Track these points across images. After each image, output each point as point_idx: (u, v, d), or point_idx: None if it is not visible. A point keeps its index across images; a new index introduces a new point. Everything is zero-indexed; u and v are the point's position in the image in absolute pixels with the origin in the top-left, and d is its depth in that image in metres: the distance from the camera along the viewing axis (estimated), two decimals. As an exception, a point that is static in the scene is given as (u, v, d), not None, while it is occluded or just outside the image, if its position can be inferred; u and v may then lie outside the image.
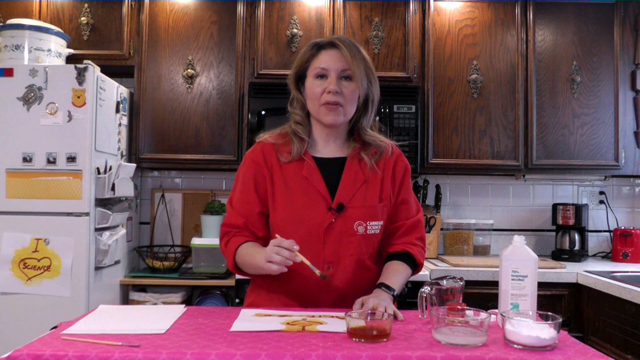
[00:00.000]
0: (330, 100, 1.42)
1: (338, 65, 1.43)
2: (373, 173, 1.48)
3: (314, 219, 1.42)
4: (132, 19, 2.87)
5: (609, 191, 3.21)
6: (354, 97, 1.45)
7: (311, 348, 1.03)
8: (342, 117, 1.45)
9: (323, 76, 1.44)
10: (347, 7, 2.88)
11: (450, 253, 3.00)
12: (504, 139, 2.87)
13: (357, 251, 1.43)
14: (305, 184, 1.45)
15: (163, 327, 1.17)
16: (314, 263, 1.32)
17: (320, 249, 1.42)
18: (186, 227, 3.14)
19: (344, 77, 1.44)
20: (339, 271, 1.42)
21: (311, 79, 1.46)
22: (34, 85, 2.36)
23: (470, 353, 1.02)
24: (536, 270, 1.29)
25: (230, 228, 1.50)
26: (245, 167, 1.52)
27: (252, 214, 1.48)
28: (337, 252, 1.42)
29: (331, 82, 1.42)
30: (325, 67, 1.44)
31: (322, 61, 1.44)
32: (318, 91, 1.44)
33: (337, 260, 1.42)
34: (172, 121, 2.84)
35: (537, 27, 2.89)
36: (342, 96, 1.43)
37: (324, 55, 1.45)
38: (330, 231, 1.42)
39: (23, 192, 2.35)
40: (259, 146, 1.52)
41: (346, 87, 1.44)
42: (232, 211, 1.51)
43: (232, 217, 1.50)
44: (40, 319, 2.29)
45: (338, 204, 1.43)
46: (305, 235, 1.41)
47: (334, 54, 1.44)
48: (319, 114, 1.46)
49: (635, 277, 2.40)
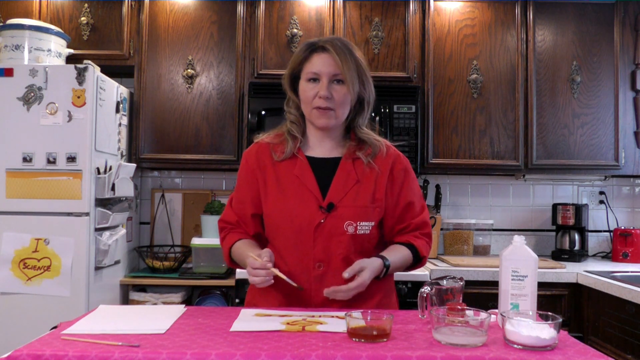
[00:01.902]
0: (322, 106, 1.45)
1: (329, 70, 1.45)
2: (367, 173, 1.49)
3: (304, 217, 1.44)
4: (132, 19, 2.87)
5: (609, 191, 3.21)
6: (345, 100, 1.47)
7: (311, 348, 1.03)
8: (333, 121, 1.47)
9: (315, 80, 1.46)
10: (347, 7, 2.88)
11: (450, 253, 3.00)
12: (504, 139, 2.87)
13: (347, 251, 1.44)
14: (297, 183, 1.47)
15: (163, 327, 1.17)
16: (304, 262, 1.40)
17: (310, 247, 1.43)
18: (186, 227, 3.14)
19: (335, 81, 1.46)
20: (329, 270, 1.43)
21: (304, 82, 1.48)
22: (34, 85, 2.36)
23: (470, 353, 1.02)
24: (536, 270, 1.29)
25: (226, 224, 1.57)
26: (240, 168, 1.58)
27: (245, 214, 1.54)
28: (327, 251, 1.43)
29: (322, 87, 1.44)
30: (316, 72, 1.46)
31: (314, 65, 1.46)
32: (310, 95, 1.46)
33: (327, 259, 1.43)
34: (172, 121, 2.84)
35: (537, 27, 2.89)
36: (333, 101, 1.45)
37: (316, 59, 1.47)
38: (320, 230, 1.43)
39: (23, 192, 2.35)
40: (254, 147, 1.57)
41: (337, 91, 1.45)
42: (228, 208, 1.58)
43: (227, 214, 1.58)
44: (40, 319, 2.29)
45: (328, 203, 1.44)
46: (295, 234, 1.44)
47: (326, 58, 1.46)
48: (311, 116, 1.48)
49: (635, 277, 2.40)
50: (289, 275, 1.39)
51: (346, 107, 1.49)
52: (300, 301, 1.44)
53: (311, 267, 1.43)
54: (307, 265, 1.43)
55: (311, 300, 1.44)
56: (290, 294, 1.45)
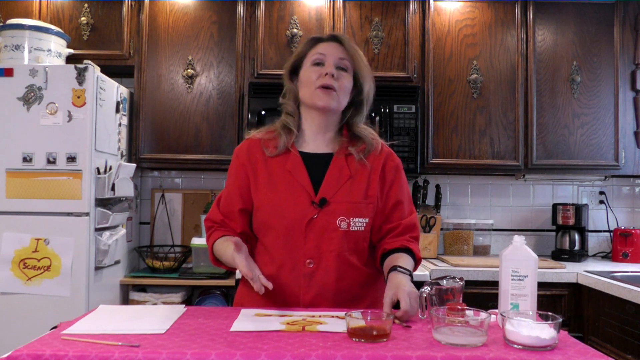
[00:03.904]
0: (327, 83, 1.44)
1: (336, 53, 1.47)
2: (360, 169, 1.47)
3: (296, 213, 1.42)
4: (132, 19, 2.87)
5: (609, 191, 3.21)
6: (347, 87, 1.48)
7: (311, 348, 1.02)
8: (335, 103, 1.46)
9: (320, 64, 1.47)
10: (347, 7, 2.88)
11: (450, 253, 3.00)
12: (504, 139, 2.87)
13: (339, 247, 1.41)
14: (289, 178, 1.45)
15: (163, 327, 1.17)
16: (294, 258, 1.40)
17: (302, 243, 1.41)
18: (186, 227, 3.14)
19: (340, 68, 1.47)
20: (320, 267, 1.41)
21: (307, 66, 1.49)
22: (34, 85, 2.36)
23: (470, 353, 1.02)
24: (536, 270, 1.28)
25: (212, 223, 1.55)
26: (231, 164, 1.57)
27: (233, 211, 1.51)
28: (318, 248, 1.41)
29: (329, 66, 1.46)
30: (323, 53, 1.47)
31: (321, 49, 1.49)
32: (314, 76, 1.46)
33: (318, 256, 1.41)
34: (172, 121, 2.84)
35: (537, 27, 2.89)
36: (337, 82, 1.45)
37: (322, 45, 1.50)
38: (312, 226, 1.41)
39: (23, 192, 2.35)
40: (245, 143, 1.56)
41: (341, 77, 1.47)
42: (215, 206, 1.56)
43: (212, 213, 1.55)
44: (40, 319, 2.29)
45: (321, 198, 1.42)
46: (287, 230, 1.42)
47: (333, 45, 1.49)
48: (313, 97, 1.46)
49: (635, 277, 2.40)
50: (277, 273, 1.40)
51: (346, 95, 1.49)
52: (289, 299, 1.42)
53: (301, 264, 1.41)
54: (297, 262, 1.41)
55: (300, 299, 1.41)
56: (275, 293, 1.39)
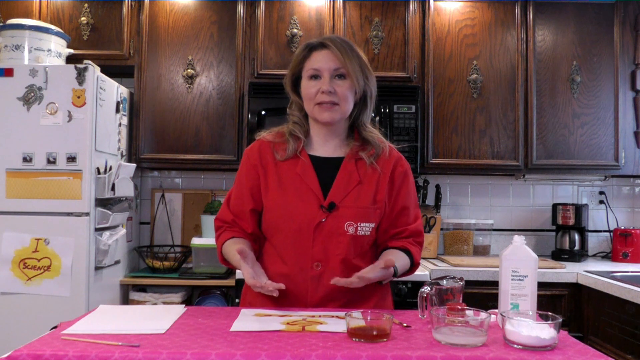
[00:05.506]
0: (325, 100, 1.44)
1: (330, 65, 1.45)
2: (369, 174, 1.48)
3: (304, 216, 1.43)
4: (132, 19, 2.87)
5: (609, 191, 3.21)
6: (349, 94, 1.47)
7: (311, 348, 1.03)
8: (338, 115, 1.47)
9: (317, 77, 1.46)
10: (347, 7, 2.88)
11: (450, 253, 3.00)
12: (504, 139, 2.87)
13: (345, 251, 1.43)
14: (299, 182, 1.46)
15: (163, 327, 1.17)
16: (302, 261, 1.41)
17: (309, 246, 1.43)
18: (186, 227, 3.14)
19: (337, 76, 1.46)
20: (327, 270, 1.42)
21: (306, 80, 1.48)
22: (34, 85, 2.36)
23: (470, 353, 1.02)
24: (536, 270, 1.29)
25: (222, 222, 1.56)
26: (241, 164, 1.56)
27: (243, 211, 1.51)
28: (325, 251, 1.43)
29: (324, 82, 1.45)
30: (317, 68, 1.46)
31: (315, 62, 1.47)
32: (312, 92, 1.46)
33: (325, 259, 1.43)
34: (172, 121, 2.84)
35: (537, 27, 2.89)
36: (336, 95, 1.45)
37: (316, 56, 1.47)
38: (320, 230, 1.42)
39: (23, 192, 2.35)
40: (256, 144, 1.56)
41: (340, 85, 1.45)
42: (225, 206, 1.56)
43: (223, 213, 1.56)
44: (40, 319, 2.29)
45: (329, 202, 1.43)
46: (295, 233, 1.43)
47: (326, 54, 1.46)
48: (314, 113, 1.48)
49: (635, 277, 2.40)
50: (286, 273, 1.42)
51: (350, 102, 1.48)
52: (296, 301, 1.43)
53: (309, 266, 1.43)
54: (304, 265, 1.43)
55: (307, 300, 1.43)
56: (282, 295, 1.41)
